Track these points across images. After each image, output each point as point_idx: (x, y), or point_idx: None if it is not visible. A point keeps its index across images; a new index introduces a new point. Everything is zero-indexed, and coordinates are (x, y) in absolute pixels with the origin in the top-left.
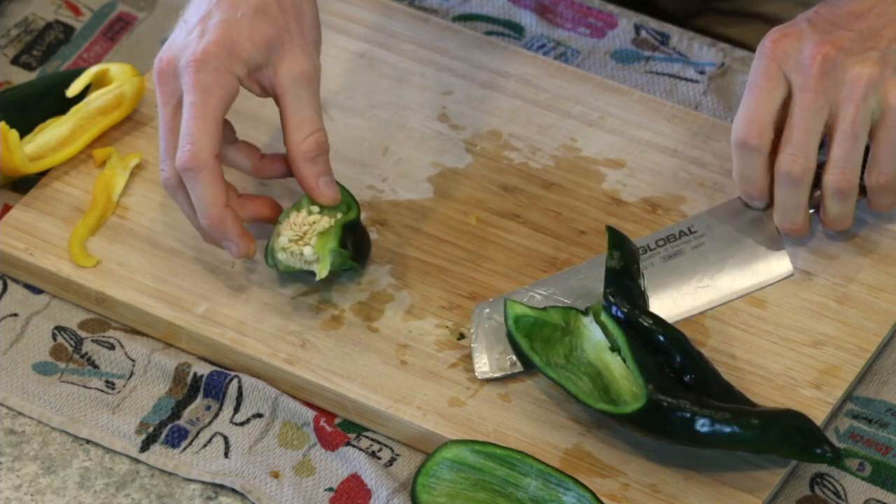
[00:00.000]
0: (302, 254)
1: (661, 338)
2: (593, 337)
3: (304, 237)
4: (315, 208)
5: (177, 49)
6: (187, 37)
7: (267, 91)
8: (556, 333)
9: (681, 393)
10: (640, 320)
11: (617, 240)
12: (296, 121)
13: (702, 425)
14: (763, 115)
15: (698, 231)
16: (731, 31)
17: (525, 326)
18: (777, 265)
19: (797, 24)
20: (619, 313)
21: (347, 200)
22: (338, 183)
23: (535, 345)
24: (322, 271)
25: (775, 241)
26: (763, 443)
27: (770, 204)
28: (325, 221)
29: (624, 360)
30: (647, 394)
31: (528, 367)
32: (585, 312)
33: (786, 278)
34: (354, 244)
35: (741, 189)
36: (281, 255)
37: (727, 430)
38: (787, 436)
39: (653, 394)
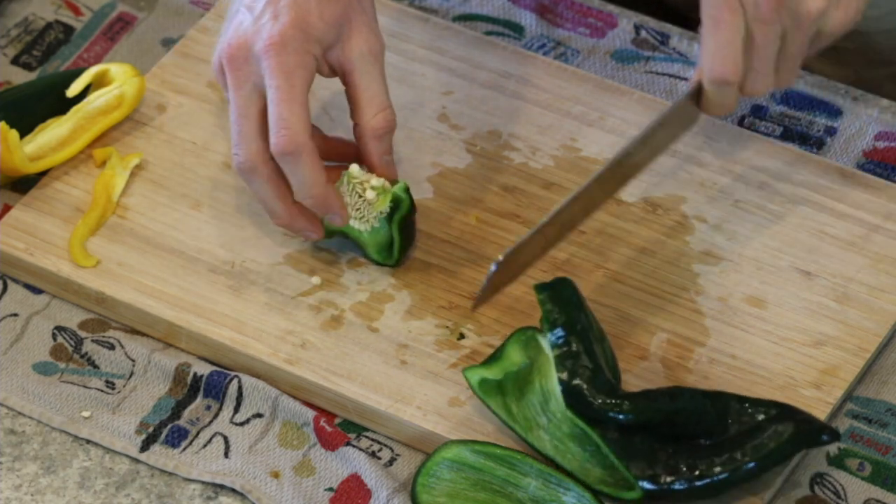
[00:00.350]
0: (364, 191)
1: (633, 417)
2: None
3: (367, 181)
4: None
5: (247, 33)
6: (257, 21)
7: (335, 70)
8: (524, 372)
9: (674, 457)
10: (609, 417)
11: (556, 312)
12: (367, 96)
13: (704, 485)
14: (736, 50)
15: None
16: None
17: (491, 387)
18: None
19: None
20: (586, 415)
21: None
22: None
23: (508, 400)
24: (382, 204)
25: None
26: (768, 463)
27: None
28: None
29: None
30: (640, 491)
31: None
32: (542, 330)
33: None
34: (405, 226)
35: (712, 112)
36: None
37: (730, 477)
38: (788, 444)
39: (647, 485)
